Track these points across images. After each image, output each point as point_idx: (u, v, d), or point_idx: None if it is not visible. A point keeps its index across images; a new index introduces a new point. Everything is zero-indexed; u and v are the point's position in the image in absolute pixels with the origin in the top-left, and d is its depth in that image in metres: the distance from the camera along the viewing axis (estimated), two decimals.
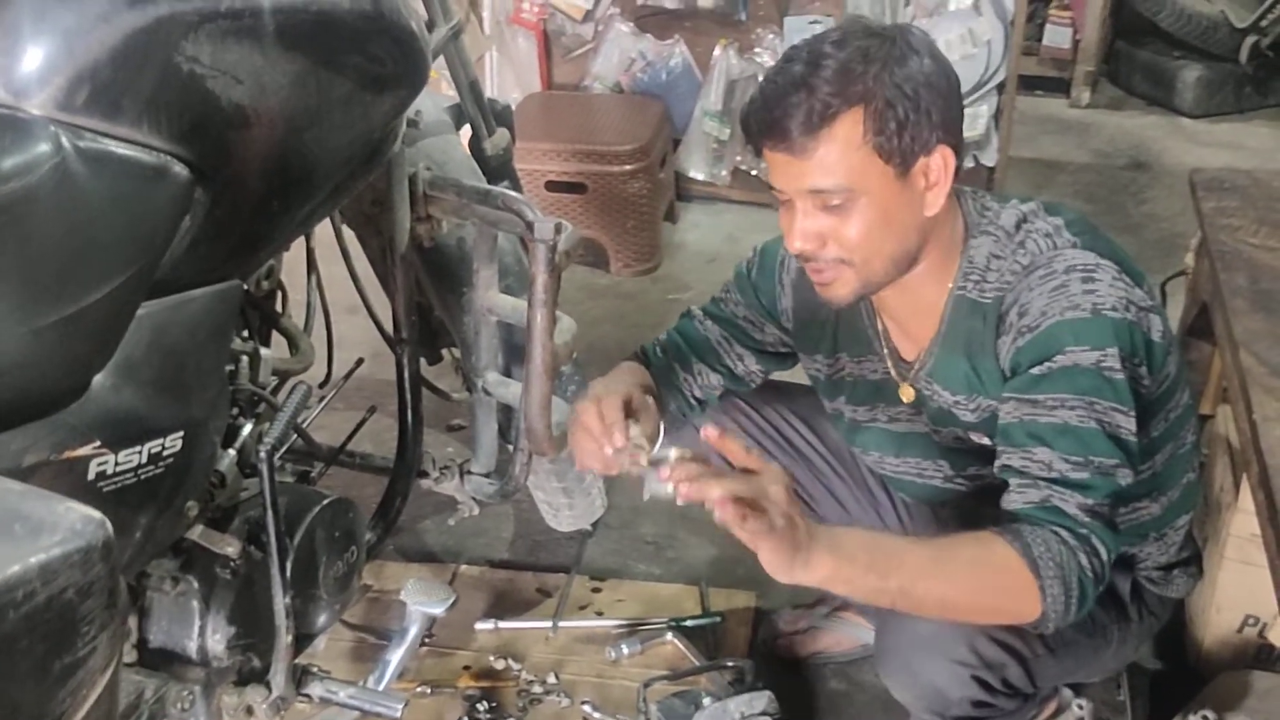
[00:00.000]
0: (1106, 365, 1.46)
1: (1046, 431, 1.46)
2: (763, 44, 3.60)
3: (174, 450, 1.37)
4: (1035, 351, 1.49)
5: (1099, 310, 1.47)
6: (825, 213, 1.49)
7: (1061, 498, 1.44)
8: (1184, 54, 4.49)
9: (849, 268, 1.53)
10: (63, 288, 1.22)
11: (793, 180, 1.49)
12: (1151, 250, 3.53)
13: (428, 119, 1.93)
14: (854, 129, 1.44)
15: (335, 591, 1.69)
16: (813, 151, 1.45)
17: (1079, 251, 1.51)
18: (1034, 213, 1.57)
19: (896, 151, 1.45)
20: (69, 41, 1.26)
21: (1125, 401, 1.47)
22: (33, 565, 0.80)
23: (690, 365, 1.84)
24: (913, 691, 1.65)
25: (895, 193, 1.48)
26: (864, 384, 1.76)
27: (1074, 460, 1.45)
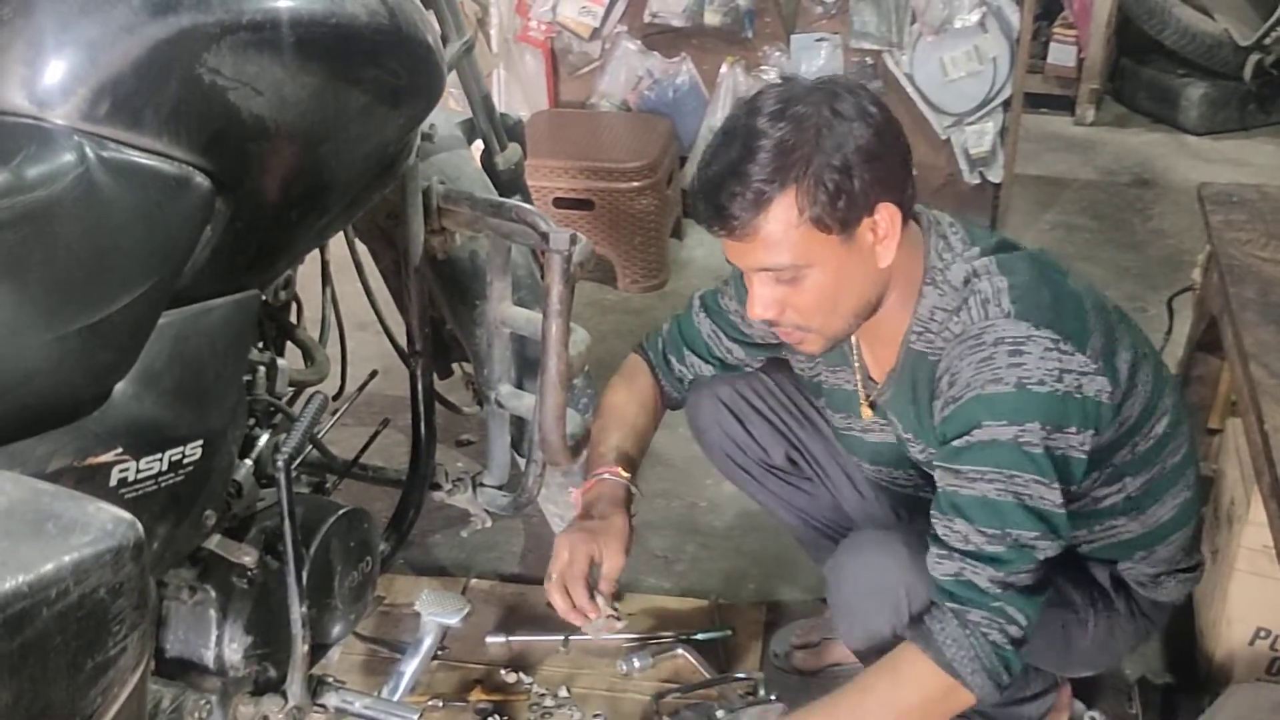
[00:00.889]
0: (1025, 440, 1.49)
1: (966, 503, 1.51)
2: (769, 61, 3.61)
3: (194, 458, 1.38)
4: (957, 423, 1.52)
5: (1023, 385, 1.48)
6: (779, 284, 1.53)
7: (974, 571, 1.50)
8: (1188, 72, 4.51)
9: (811, 332, 1.58)
10: (86, 296, 1.23)
11: (742, 259, 1.55)
12: (1158, 267, 3.54)
13: (441, 133, 1.95)
14: (789, 210, 1.47)
15: (350, 602, 1.70)
16: (754, 235, 1.49)
17: (1011, 322, 1.51)
18: (984, 270, 1.57)
19: (835, 221, 1.48)
20: (92, 53, 1.27)
21: (1046, 474, 1.49)
22: (66, 564, 0.81)
23: (684, 357, 1.90)
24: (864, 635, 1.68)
25: (843, 256, 1.51)
26: (840, 392, 1.80)
27: (989, 533, 1.50)
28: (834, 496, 1.97)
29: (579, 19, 3.66)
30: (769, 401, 1.94)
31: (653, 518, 2.44)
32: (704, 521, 2.54)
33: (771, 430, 1.94)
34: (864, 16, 3.47)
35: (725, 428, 1.94)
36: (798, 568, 2.35)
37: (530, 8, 3.68)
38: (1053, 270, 1.62)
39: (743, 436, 1.94)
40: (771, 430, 1.94)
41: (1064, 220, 3.89)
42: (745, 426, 1.93)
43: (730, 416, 1.93)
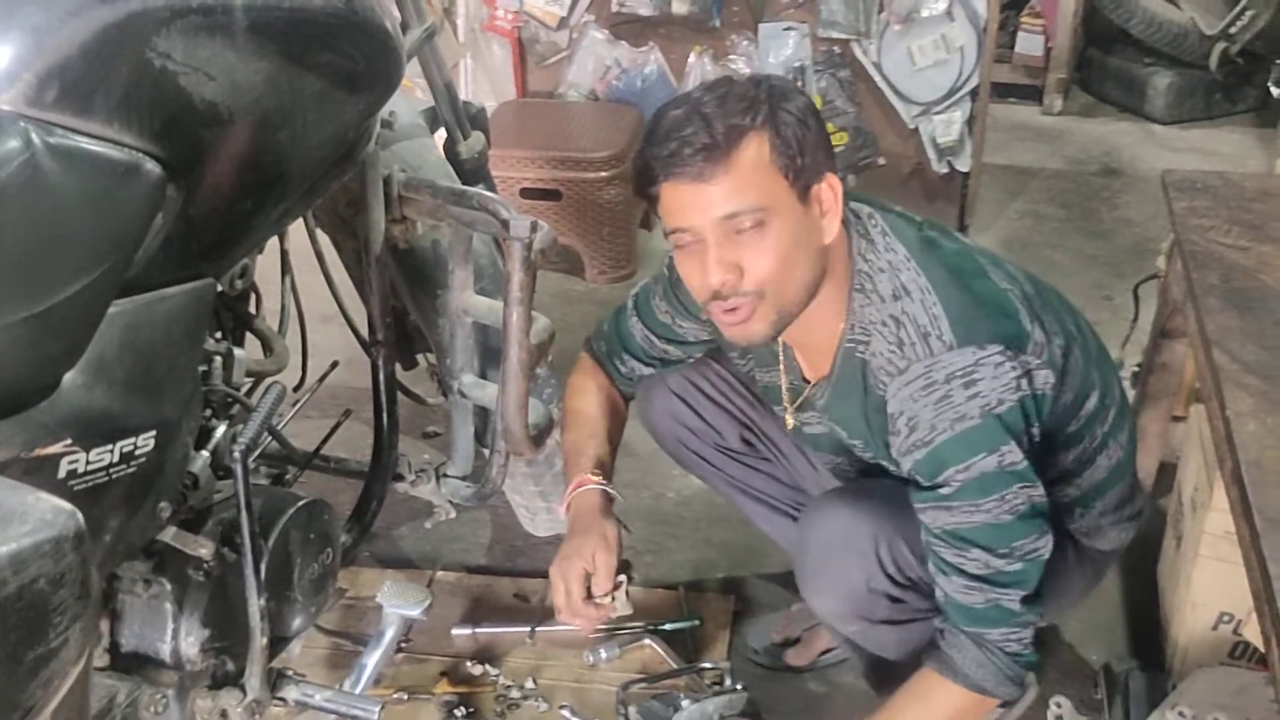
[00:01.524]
0: (1007, 461, 1.52)
1: (973, 534, 1.55)
2: (737, 50, 3.60)
3: (146, 450, 1.36)
4: (935, 467, 1.54)
5: (987, 411, 1.50)
6: (737, 241, 1.50)
7: (1006, 598, 1.56)
8: (1154, 61, 4.53)
9: (764, 301, 1.54)
10: (32, 285, 1.21)
11: (702, 210, 1.50)
12: (1124, 255, 3.56)
13: (402, 122, 1.93)
14: (760, 149, 1.47)
15: (310, 594, 1.68)
16: (722, 175, 1.47)
17: (955, 354, 1.51)
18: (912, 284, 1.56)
19: (798, 173, 1.49)
20: (39, 37, 1.25)
21: (1028, 477, 1.55)
22: (3, 555, 0.80)
23: (623, 358, 1.93)
24: (833, 595, 1.70)
25: (799, 216, 1.51)
26: (774, 388, 1.81)
27: (1003, 553, 1.55)
28: (790, 472, 1.98)
29: (546, 8, 3.63)
30: (719, 386, 1.94)
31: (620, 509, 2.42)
32: (671, 512, 2.53)
33: (723, 413, 1.94)
34: (832, 5, 3.47)
35: (677, 416, 1.95)
36: (766, 557, 2.34)
37: None
38: (976, 266, 1.61)
39: (695, 422, 1.94)
40: (723, 413, 1.94)
41: (1032, 209, 3.90)
42: (697, 411, 1.94)
43: (681, 404, 1.94)
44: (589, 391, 1.93)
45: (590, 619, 1.74)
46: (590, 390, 1.93)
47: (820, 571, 1.70)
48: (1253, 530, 1.47)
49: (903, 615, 1.68)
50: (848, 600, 1.68)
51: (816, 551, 1.69)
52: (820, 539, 1.69)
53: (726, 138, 1.46)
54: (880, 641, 1.75)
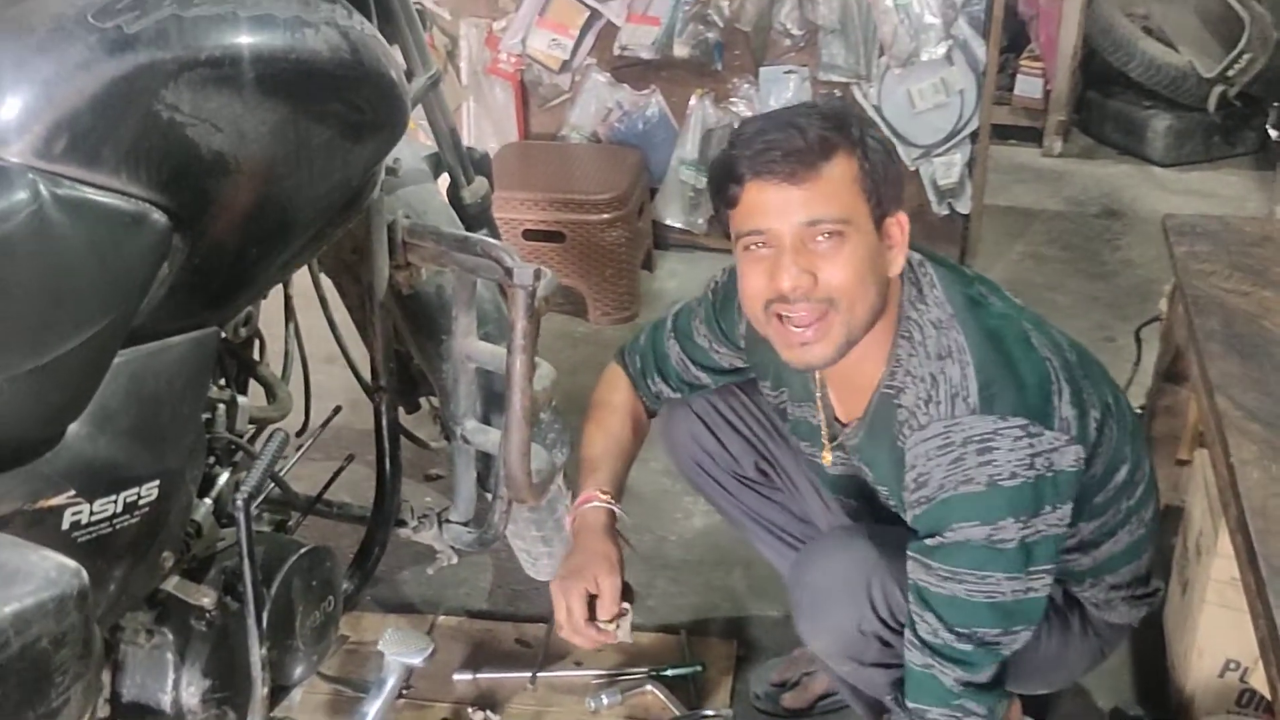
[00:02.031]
0: (998, 538, 1.50)
1: (936, 600, 1.54)
2: (738, 93, 3.62)
3: (150, 499, 1.36)
4: (930, 522, 1.54)
5: (994, 482, 1.49)
6: (814, 250, 1.50)
7: (941, 670, 1.55)
8: (1153, 104, 4.55)
9: (835, 313, 1.52)
10: (39, 336, 1.21)
11: (788, 213, 1.49)
12: (1126, 297, 3.56)
13: (406, 167, 1.94)
14: (849, 166, 1.50)
15: (312, 642, 1.67)
16: (814, 180, 1.48)
17: (977, 419, 1.50)
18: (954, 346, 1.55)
19: (879, 200, 1.51)
20: (48, 89, 1.26)
21: (1016, 567, 1.52)
22: (6, 614, 0.80)
23: (654, 377, 1.94)
24: (826, 635, 1.70)
25: (874, 241, 1.53)
26: (804, 424, 1.81)
27: (958, 631, 1.54)
28: (802, 505, 1.98)
29: (548, 51, 3.66)
30: (740, 414, 1.95)
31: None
32: (674, 556, 2.52)
33: (742, 441, 1.95)
34: (832, 49, 3.49)
35: (698, 438, 1.96)
36: (769, 602, 2.33)
37: (500, 40, 3.68)
38: (1018, 332, 1.59)
39: (714, 446, 1.95)
40: (742, 441, 1.95)
41: (1033, 251, 3.91)
42: (717, 436, 1.95)
43: (702, 427, 1.95)
44: (615, 405, 1.94)
45: (591, 640, 1.74)
46: (617, 403, 1.94)
47: (814, 610, 1.71)
48: (1258, 578, 1.46)
49: (894, 659, 1.67)
50: (839, 640, 1.69)
51: (811, 590, 1.71)
52: (815, 578, 1.70)
53: (821, 146, 1.48)
54: (872, 683, 1.74)
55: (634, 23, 3.57)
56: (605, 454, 1.89)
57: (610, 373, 1.99)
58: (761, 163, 1.48)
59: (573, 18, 3.61)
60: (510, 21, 3.66)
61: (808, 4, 3.45)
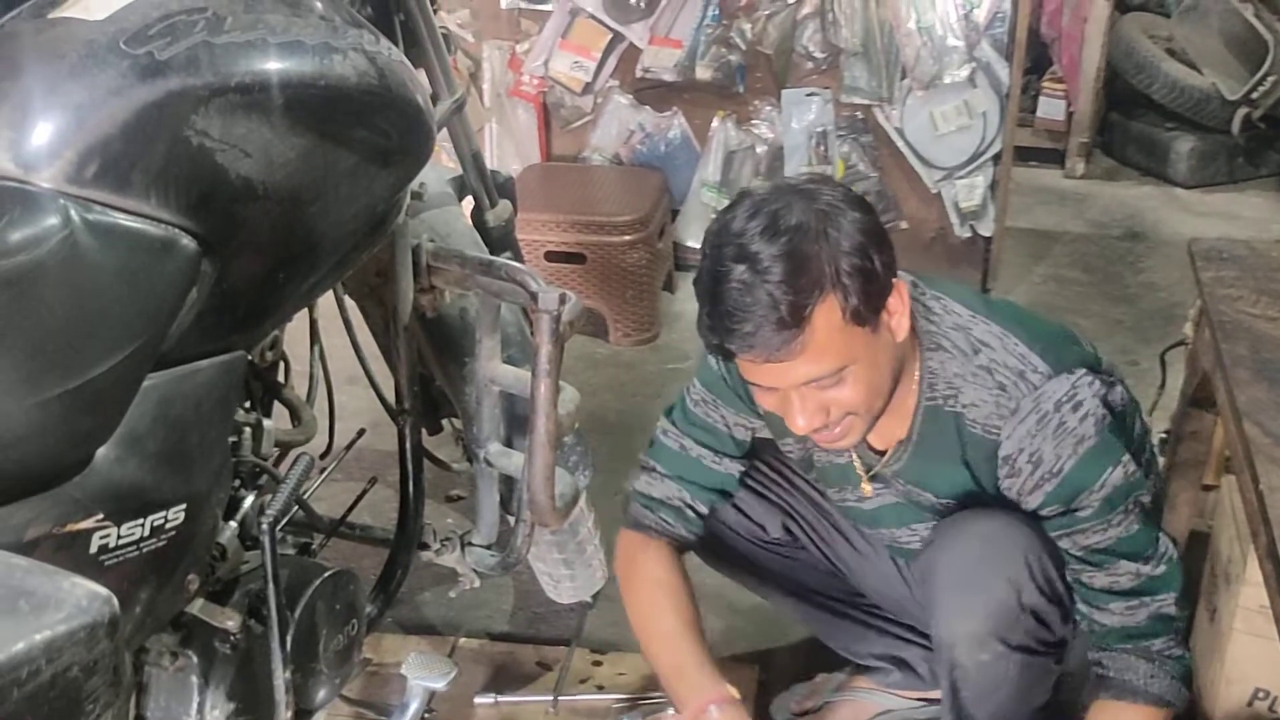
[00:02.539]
0: (1131, 469, 1.59)
1: (1117, 546, 1.60)
2: (760, 115, 3.63)
3: (176, 523, 1.36)
4: (1069, 493, 1.58)
5: (1101, 427, 1.57)
6: (821, 392, 1.51)
7: (1165, 604, 1.61)
8: (1177, 126, 4.54)
9: (856, 418, 1.57)
10: (69, 360, 1.21)
11: (782, 379, 1.50)
12: (1149, 320, 3.55)
13: (431, 190, 1.94)
14: (831, 314, 1.44)
15: (336, 665, 1.67)
16: (798, 352, 1.45)
17: (1055, 382, 1.57)
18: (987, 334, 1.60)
19: (869, 312, 1.47)
20: (79, 115, 1.27)
21: (1143, 483, 1.63)
22: (38, 643, 0.80)
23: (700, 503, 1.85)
24: (977, 612, 1.63)
25: (874, 344, 1.51)
26: (833, 468, 1.80)
27: (1147, 556, 1.61)
28: (829, 559, 1.96)
29: (571, 74, 3.67)
30: (755, 476, 1.93)
31: None
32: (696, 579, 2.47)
33: (765, 504, 1.93)
34: (854, 71, 3.50)
35: (714, 513, 1.90)
36: (791, 626, 2.32)
37: (523, 63, 3.70)
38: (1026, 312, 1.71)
39: (733, 516, 1.92)
40: (765, 504, 1.93)
41: (1055, 273, 3.90)
42: (736, 506, 1.92)
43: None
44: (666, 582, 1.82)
45: None
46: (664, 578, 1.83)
47: (965, 587, 1.64)
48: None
49: (1039, 642, 1.65)
50: (993, 617, 1.62)
51: (960, 568, 1.64)
52: (963, 556, 1.64)
53: (794, 317, 1.42)
54: (1002, 678, 1.67)
55: (656, 45, 3.59)
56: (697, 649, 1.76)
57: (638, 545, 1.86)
58: (745, 345, 1.45)
59: (595, 40, 3.63)
60: (533, 44, 3.68)
61: (830, 27, 3.46)
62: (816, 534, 1.95)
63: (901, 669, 2.07)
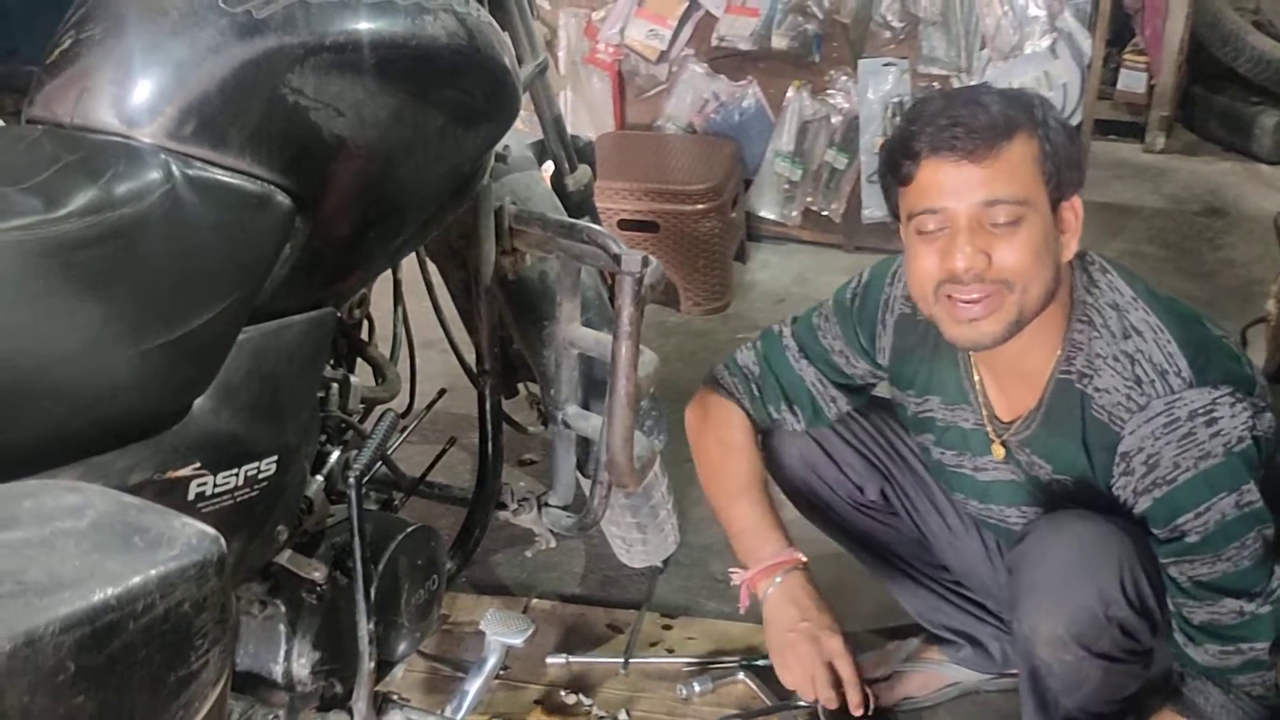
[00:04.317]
0: (1246, 501, 1.52)
1: (1224, 582, 1.54)
2: (836, 85, 3.61)
3: (268, 474, 1.39)
4: (1173, 507, 1.53)
5: (1230, 450, 1.50)
6: (990, 232, 1.50)
7: (1259, 649, 1.55)
8: (1262, 100, 4.44)
9: (1010, 293, 1.52)
10: (170, 311, 1.24)
11: (968, 191, 1.49)
12: (1228, 297, 3.48)
13: (513, 154, 1.96)
14: (1030, 147, 1.49)
15: (416, 619, 1.70)
16: (994, 160, 1.47)
17: (1195, 391, 1.51)
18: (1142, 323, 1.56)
19: (1056, 181, 1.50)
20: (180, 73, 1.29)
21: (1264, 517, 1.56)
22: (152, 577, 0.82)
23: (779, 403, 1.87)
24: (1063, 617, 1.60)
25: (1049, 225, 1.51)
26: (954, 430, 1.77)
27: (1254, 593, 1.54)
28: (920, 531, 1.95)
29: (646, 41, 3.67)
30: (863, 438, 1.92)
31: (714, 541, 2.43)
32: None
33: (867, 465, 1.92)
34: (933, 41, 3.46)
35: (813, 464, 1.92)
36: (860, 595, 2.32)
37: (598, 30, 3.70)
38: (1194, 313, 1.63)
39: (832, 473, 1.92)
40: (867, 465, 1.92)
41: (1132, 248, 3.84)
42: (836, 462, 1.91)
43: (819, 451, 1.92)
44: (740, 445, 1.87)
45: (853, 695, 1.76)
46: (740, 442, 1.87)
47: (1055, 589, 1.61)
48: None
49: (1124, 651, 1.62)
50: (1079, 623, 1.59)
51: (1053, 569, 1.61)
52: (1059, 556, 1.60)
53: (1005, 124, 1.47)
54: (1083, 679, 1.65)
55: (733, 14, 3.58)
56: (766, 510, 1.84)
57: (714, 403, 1.91)
58: (942, 139, 1.47)
59: (671, 8, 3.62)
60: (609, 11, 3.68)
61: None
62: (912, 504, 1.94)
63: (974, 645, 2.06)
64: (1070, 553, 1.59)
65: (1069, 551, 1.59)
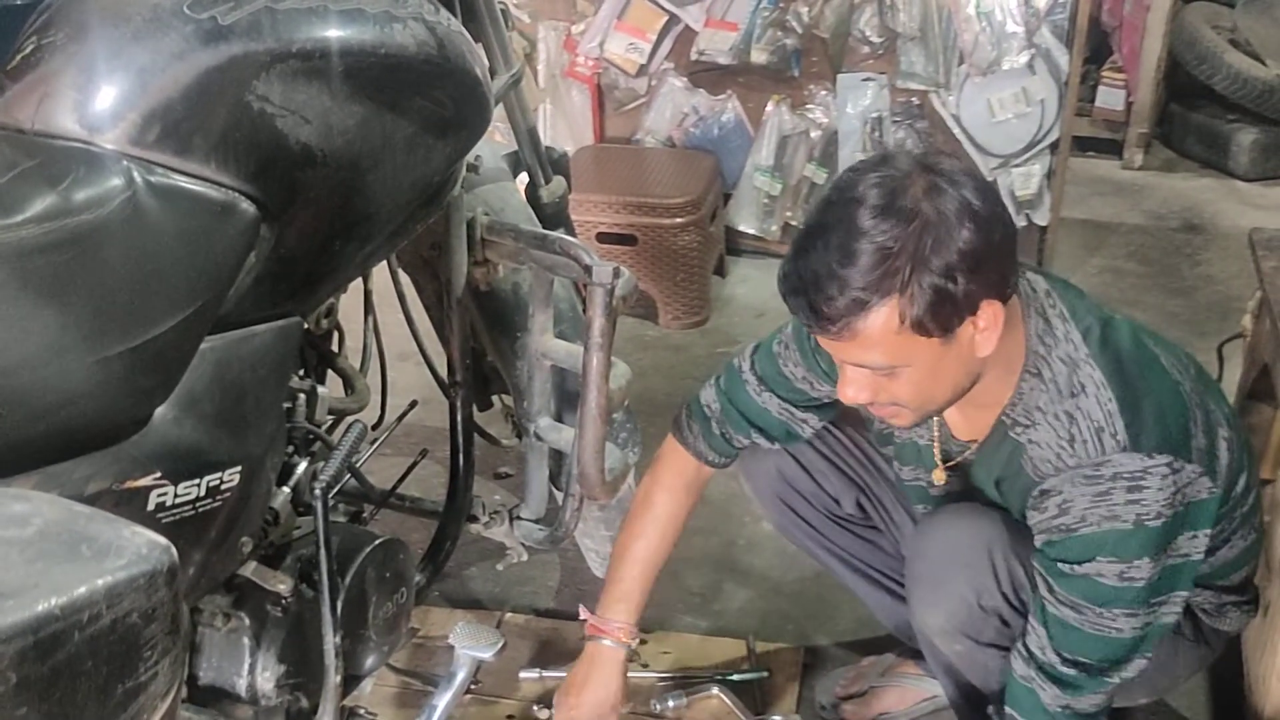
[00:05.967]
0: (1129, 575, 1.52)
1: (1051, 619, 1.56)
2: (815, 100, 3.61)
3: (231, 485, 1.38)
4: (1067, 552, 1.54)
5: (1141, 522, 1.49)
6: (872, 375, 1.50)
7: (1041, 687, 1.57)
8: (1239, 117, 4.46)
9: (905, 409, 1.55)
10: (130, 319, 1.23)
11: (835, 353, 1.52)
12: (1206, 313, 3.49)
13: (486, 165, 1.95)
14: (890, 318, 1.41)
15: (384, 633, 1.68)
16: (849, 337, 1.44)
17: (1127, 456, 1.49)
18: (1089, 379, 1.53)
19: (936, 326, 1.43)
20: (143, 79, 1.28)
21: (1137, 602, 1.53)
22: (99, 587, 0.81)
23: (747, 433, 1.86)
24: (943, 609, 1.67)
25: (941, 354, 1.47)
26: (910, 446, 1.78)
27: (1064, 656, 1.56)
28: (897, 542, 1.95)
29: (626, 55, 3.67)
30: (838, 451, 1.92)
31: (690, 554, 2.42)
32: (742, 560, 2.51)
33: (842, 478, 1.92)
34: (911, 56, 3.46)
35: (789, 478, 1.92)
36: (837, 609, 2.32)
37: (578, 44, 3.70)
38: (1150, 356, 1.58)
39: (808, 486, 1.92)
40: (842, 478, 1.92)
41: (1111, 265, 3.85)
42: (812, 475, 1.92)
43: (795, 466, 1.92)
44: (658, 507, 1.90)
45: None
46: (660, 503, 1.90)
47: (934, 581, 1.67)
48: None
49: (1010, 642, 1.65)
50: (958, 614, 1.65)
51: (931, 560, 1.67)
52: (936, 548, 1.66)
53: (854, 309, 1.41)
54: (984, 669, 1.70)
55: (712, 28, 3.57)
56: (637, 576, 1.88)
57: (666, 453, 1.92)
58: (805, 316, 1.46)
59: (651, 22, 3.62)
60: (588, 25, 3.67)
61: (888, 11, 3.42)
62: (888, 514, 1.94)
63: None
64: (945, 544, 1.65)
65: (944, 543, 1.65)
